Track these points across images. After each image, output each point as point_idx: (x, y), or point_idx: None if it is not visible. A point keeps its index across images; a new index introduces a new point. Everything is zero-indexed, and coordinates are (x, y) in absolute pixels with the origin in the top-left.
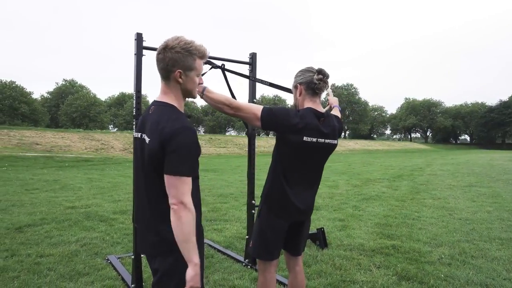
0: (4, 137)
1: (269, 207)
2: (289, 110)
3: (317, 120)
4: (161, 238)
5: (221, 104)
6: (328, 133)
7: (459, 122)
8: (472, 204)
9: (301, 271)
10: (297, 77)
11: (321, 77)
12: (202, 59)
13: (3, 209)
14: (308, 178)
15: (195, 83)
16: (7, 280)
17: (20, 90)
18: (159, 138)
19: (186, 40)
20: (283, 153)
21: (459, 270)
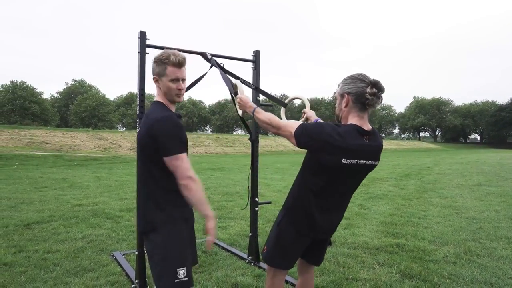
0: (15, 137)
1: (291, 222)
2: (324, 126)
3: (361, 138)
4: (146, 219)
5: (265, 124)
6: (371, 153)
7: (468, 121)
8: (480, 203)
9: (312, 278)
10: (345, 84)
11: (375, 91)
12: (174, 66)
13: (12, 207)
14: (339, 197)
15: (169, 87)
16: (14, 275)
17: (30, 90)
18: (146, 126)
19: (165, 52)
20: (316, 172)
21: (463, 269)
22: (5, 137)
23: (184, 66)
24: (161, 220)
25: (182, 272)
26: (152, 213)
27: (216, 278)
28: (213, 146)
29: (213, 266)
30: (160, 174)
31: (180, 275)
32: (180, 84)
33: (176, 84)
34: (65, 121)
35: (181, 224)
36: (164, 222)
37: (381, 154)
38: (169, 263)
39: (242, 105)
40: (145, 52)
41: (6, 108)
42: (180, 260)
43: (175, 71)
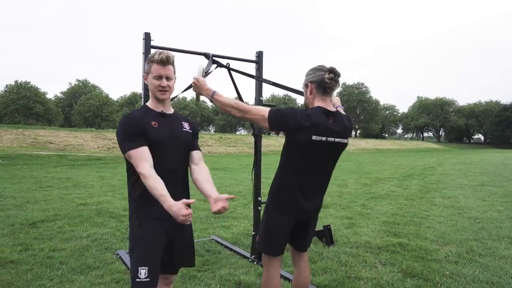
0: (19, 136)
1: (276, 205)
2: (296, 110)
3: (326, 118)
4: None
5: (229, 107)
6: (338, 132)
7: (472, 121)
8: (482, 203)
9: (306, 267)
10: (308, 75)
11: (333, 76)
12: (158, 64)
13: (18, 206)
14: (317, 178)
15: (153, 84)
16: (21, 272)
17: (34, 90)
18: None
19: (154, 51)
20: (291, 153)
21: (465, 268)
22: (9, 137)
23: (170, 64)
24: (131, 217)
25: (144, 271)
26: (129, 209)
27: (219, 276)
28: (216, 146)
29: (216, 264)
30: (129, 174)
31: (141, 275)
32: (163, 81)
33: (160, 81)
34: (68, 121)
35: (150, 224)
36: (133, 219)
37: (349, 133)
38: (133, 259)
39: (197, 87)
40: (149, 53)
41: (10, 108)
42: (141, 259)
43: (158, 69)
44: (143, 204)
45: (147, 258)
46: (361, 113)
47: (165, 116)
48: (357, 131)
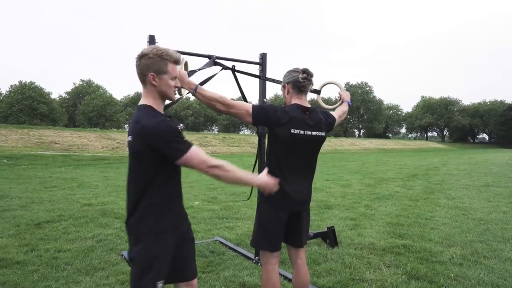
0: (24, 136)
1: (267, 200)
2: (276, 106)
3: (303, 113)
4: (129, 229)
5: (214, 101)
6: (314, 126)
7: (477, 121)
8: (487, 204)
9: (304, 264)
10: (284, 77)
11: (306, 75)
12: (175, 63)
13: (23, 206)
14: (301, 169)
15: (169, 85)
16: (27, 273)
17: (39, 90)
18: (140, 135)
19: (160, 47)
20: (274, 147)
21: (470, 270)
22: (15, 137)
23: None
24: (143, 234)
25: (161, 285)
26: (137, 223)
27: (223, 278)
28: (219, 146)
29: (220, 266)
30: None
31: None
32: (177, 82)
33: (175, 81)
34: (73, 121)
35: (165, 238)
36: (147, 235)
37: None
38: (150, 276)
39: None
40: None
41: (15, 108)
42: (160, 274)
43: (175, 69)
44: (162, 215)
45: (164, 272)
46: (364, 113)
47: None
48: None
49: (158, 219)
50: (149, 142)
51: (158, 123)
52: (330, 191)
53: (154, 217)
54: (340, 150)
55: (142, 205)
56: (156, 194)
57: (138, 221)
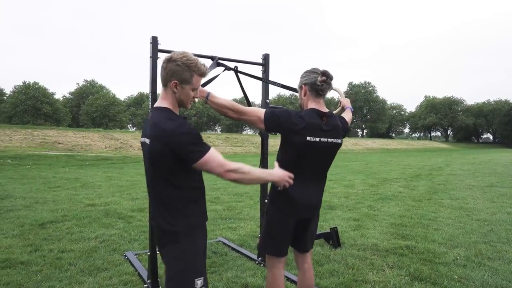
0: (28, 137)
1: (276, 205)
2: (291, 112)
3: (319, 119)
4: (163, 231)
5: (225, 109)
6: (331, 132)
7: (481, 120)
8: (491, 205)
9: (310, 268)
10: (302, 77)
11: (325, 78)
12: (200, 76)
13: (27, 206)
14: (313, 176)
15: (189, 96)
16: (31, 273)
17: (43, 90)
18: (161, 138)
19: (190, 57)
20: (286, 153)
21: (474, 272)
22: (19, 137)
23: None
24: (180, 232)
25: (200, 282)
26: (169, 225)
27: (226, 278)
28: (222, 146)
29: (223, 266)
30: (177, 185)
31: (197, 285)
32: (197, 93)
33: (194, 92)
34: (76, 121)
35: (199, 234)
36: (184, 234)
37: (343, 133)
38: (187, 274)
39: None
40: (157, 57)
41: (19, 109)
42: (198, 271)
43: (199, 81)
44: (196, 215)
45: (202, 269)
46: (368, 113)
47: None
48: (364, 130)
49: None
50: (169, 145)
51: (177, 126)
52: (333, 191)
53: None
54: (343, 150)
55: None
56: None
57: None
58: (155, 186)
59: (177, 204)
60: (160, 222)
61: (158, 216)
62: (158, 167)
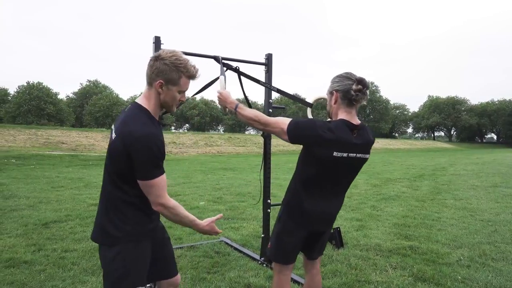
0: (32, 137)
1: (290, 215)
2: (316, 122)
3: (350, 133)
4: (106, 233)
5: (251, 120)
6: (361, 147)
7: (485, 120)
8: (495, 205)
9: (318, 273)
10: (334, 82)
11: (361, 87)
12: (189, 78)
13: (31, 206)
14: (334, 191)
15: (174, 98)
16: (34, 273)
17: (46, 91)
18: (124, 139)
19: (180, 56)
20: (309, 166)
21: (478, 273)
22: (23, 137)
23: None
24: (123, 237)
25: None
26: (114, 227)
27: (229, 278)
28: (225, 145)
29: (226, 267)
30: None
31: None
32: (184, 96)
33: (181, 95)
34: (80, 121)
35: (146, 240)
36: (127, 240)
37: (371, 148)
38: (127, 282)
39: (222, 100)
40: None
41: (23, 109)
42: (139, 279)
43: (187, 83)
44: (139, 223)
45: (144, 277)
46: (371, 113)
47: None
48: None
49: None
50: (129, 149)
51: (147, 135)
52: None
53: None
54: None
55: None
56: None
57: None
58: (106, 184)
59: (122, 207)
60: (103, 221)
61: (102, 215)
62: (114, 165)
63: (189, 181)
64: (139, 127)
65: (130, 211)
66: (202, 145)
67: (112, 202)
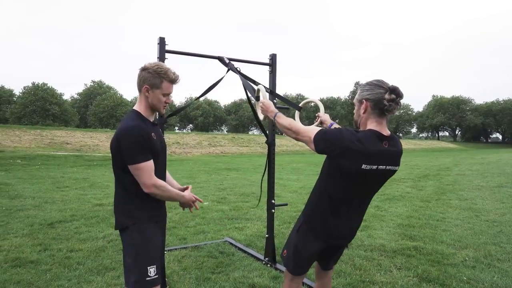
0: (37, 137)
1: (310, 228)
2: (343, 131)
3: (380, 144)
4: (118, 220)
5: (286, 129)
6: (390, 158)
7: (490, 120)
8: (501, 206)
9: (329, 282)
10: (364, 90)
11: (394, 97)
12: (170, 83)
13: (36, 206)
14: (360, 203)
15: (159, 100)
16: (40, 272)
17: (51, 91)
18: (116, 133)
19: (161, 66)
20: (334, 178)
21: (483, 273)
22: (28, 137)
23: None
24: (131, 221)
25: (153, 270)
26: (123, 215)
27: (233, 278)
28: (228, 146)
29: (230, 267)
30: (128, 181)
31: (151, 273)
32: (168, 98)
33: (166, 98)
34: (84, 122)
35: (151, 226)
36: (134, 223)
37: (400, 159)
38: (140, 261)
39: (264, 109)
40: (164, 58)
41: (28, 109)
42: (150, 258)
43: (169, 87)
44: (144, 210)
45: (155, 257)
46: None
47: (156, 126)
48: None
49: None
50: (119, 141)
51: (133, 126)
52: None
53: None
54: None
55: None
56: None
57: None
58: (115, 179)
59: (124, 197)
60: (115, 210)
61: (115, 205)
62: (114, 159)
63: (193, 181)
64: (126, 122)
65: (134, 199)
66: (205, 145)
67: (118, 193)
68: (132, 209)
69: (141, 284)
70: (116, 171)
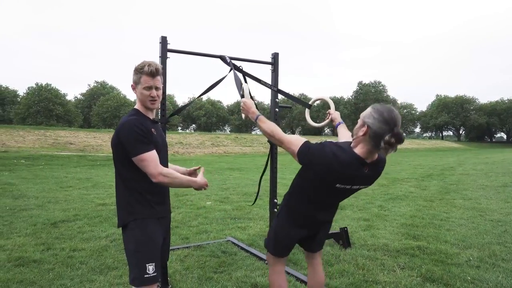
0: (41, 137)
1: (290, 215)
2: (327, 152)
3: (361, 169)
4: (119, 217)
5: (267, 135)
6: (367, 180)
7: (494, 119)
8: (505, 205)
9: (319, 265)
10: (370, 116)
11: (393, 142)
12: (148, 76)
13: (40, 205)
14: (328, 206)
15: (143, 95)
16: (43, 271)
17: (55, 92)
18: (116, 130)
19: (142, 62)
20: (309, 182)
21: (488, 273)
22: (32, 138)
23: (159, 75)
24: (131, 218)
25: (151, 267)
26: (124, 210)
27: (236, 278)
28: (231, 146)
29: (232, 266)
30: (128, 176)
31: (149, 271)
32: (153, 92)
33: (149, 91)
34: (88, 122)
35: (152, 223)
36: (134, 220)
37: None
38: (139, 258)
39: (245, 109)
40: (166, 57)
41: (32, 110)
42: (148, 256)
43: (148, 80)
44: (145, 205)
45: (154, 255)
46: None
47: (156, 123)
48: None
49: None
50: (119, 136)
51: (130, 120)
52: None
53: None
54: None
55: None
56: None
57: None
58: (115, 175)
59: (128, 193)
60: (117, 207)
61: (117, 202)
62: (114, 157)
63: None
64: (125, 118)
65: (134, 194)
66: (208, 145)
67: (119, 189)
68: (133, 203)
69: (140, 281)
70: (117, 165)
